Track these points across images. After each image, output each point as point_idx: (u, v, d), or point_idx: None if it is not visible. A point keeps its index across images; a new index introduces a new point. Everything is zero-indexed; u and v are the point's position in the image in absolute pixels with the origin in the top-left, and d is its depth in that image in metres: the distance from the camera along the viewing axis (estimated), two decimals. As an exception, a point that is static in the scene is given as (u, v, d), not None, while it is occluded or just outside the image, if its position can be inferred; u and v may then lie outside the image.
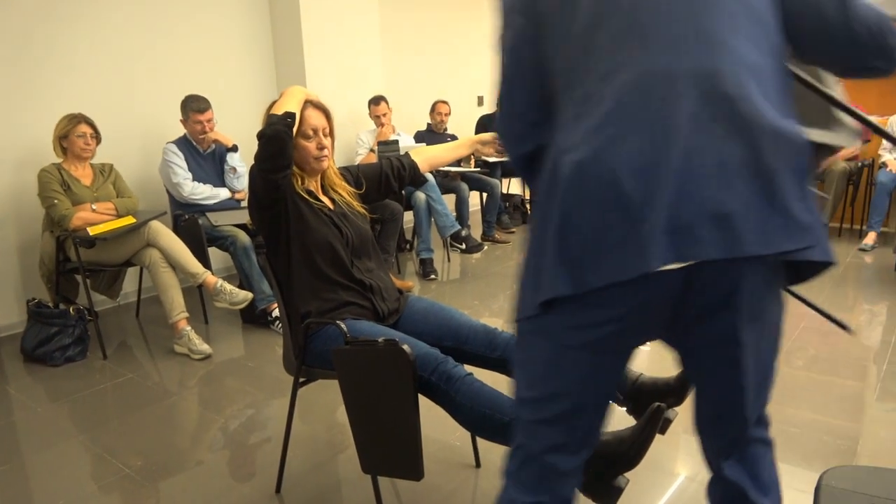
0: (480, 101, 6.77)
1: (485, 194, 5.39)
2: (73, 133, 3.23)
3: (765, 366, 1.10)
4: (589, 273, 0.95)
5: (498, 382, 1.64)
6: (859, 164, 4.91)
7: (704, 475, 1.99)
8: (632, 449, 1.39)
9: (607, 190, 0.93)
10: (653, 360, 2.79)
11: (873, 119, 4.65)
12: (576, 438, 1.11)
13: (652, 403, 1.57)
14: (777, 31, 1.02)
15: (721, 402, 1.12)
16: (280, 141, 1.74)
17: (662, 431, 1.71)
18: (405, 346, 1.54)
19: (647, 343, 1.14)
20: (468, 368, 1.68)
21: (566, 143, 0.99)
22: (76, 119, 3.24)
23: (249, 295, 3.19)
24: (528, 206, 6.13)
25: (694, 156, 0.91)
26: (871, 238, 4.65)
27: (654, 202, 0.91)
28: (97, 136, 3.33)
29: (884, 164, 4.69)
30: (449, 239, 4.72)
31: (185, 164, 3.62)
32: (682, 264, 0.94)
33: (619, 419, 1.62)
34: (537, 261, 1.02)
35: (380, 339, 1.58)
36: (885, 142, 4.76)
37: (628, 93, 0.95)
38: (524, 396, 1.13)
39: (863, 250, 4.60)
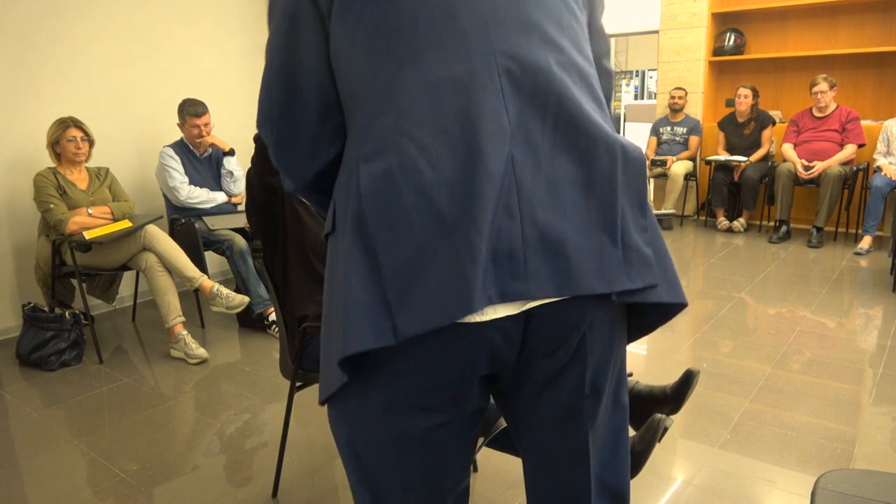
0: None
1: None
2: (63, 138, 3.21)
3: (618, 435, 0.94)
4: (406, 315, 0.71)
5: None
6: (854, 168, 4.93)
7: (701, 479, 2.00)
8: (632, 459, 1.39)
9: (420, 206, 0.72)
10: (649, 368, 2.79)
11: (868, 123, 4.60)
12: None
13: (648, 412, 1.57)
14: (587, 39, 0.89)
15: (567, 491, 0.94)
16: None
17: (658, 440, 1.71)
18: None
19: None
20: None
21: (365, 150, 0.77)
22: (65, 123, 3.22)
23: (246, 299, 3.18)
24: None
25: (518, 165, 0.75)
26: (866, 242, 4.66)
27: (474, 221, 0.72)
28: (89, 139, 3.29)
29: (879, 169, 4.70)
30: None
31: (181, 168, 3.62)
32: (517, 307, 0.76)
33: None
34: (339, 311, 0.76)
35: None
36: (879, 145, 4.77)
37: (433, 89, 0.75)
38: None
39: (858, 254, 4.61)
